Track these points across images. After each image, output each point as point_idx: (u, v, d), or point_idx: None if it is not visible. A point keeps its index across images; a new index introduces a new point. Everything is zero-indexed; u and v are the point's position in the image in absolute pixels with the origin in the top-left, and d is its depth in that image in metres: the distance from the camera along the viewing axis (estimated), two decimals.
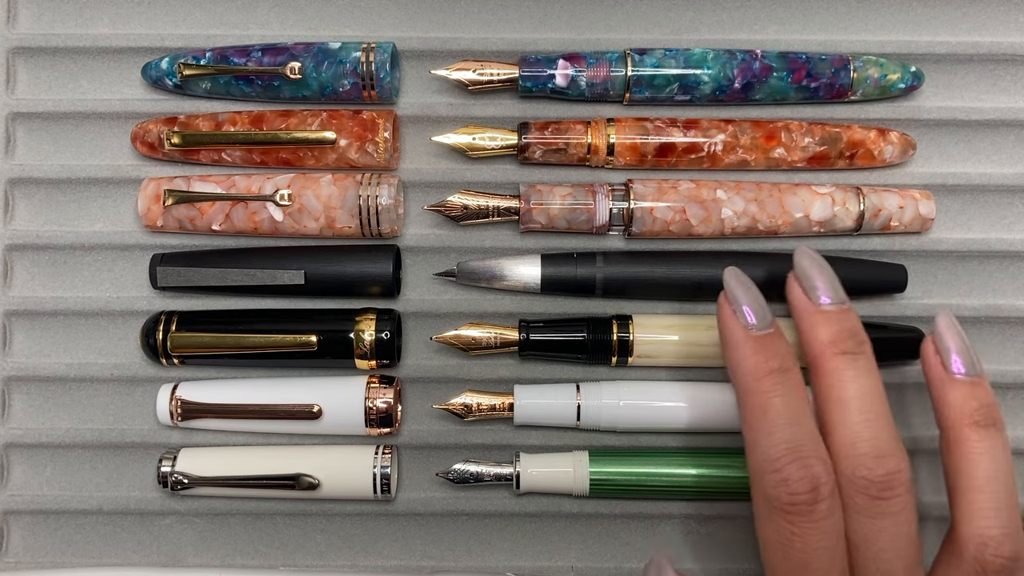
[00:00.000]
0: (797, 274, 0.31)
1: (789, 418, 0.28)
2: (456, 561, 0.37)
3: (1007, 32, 0.38)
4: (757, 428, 0.29)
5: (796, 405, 0.29)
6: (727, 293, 0.31)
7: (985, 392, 0.30)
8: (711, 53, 0.36)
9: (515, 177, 0.37)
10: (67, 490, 0.38)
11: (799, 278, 0.31)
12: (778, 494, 0.28)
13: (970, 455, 0.29)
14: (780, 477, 0.28)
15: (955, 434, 0.29)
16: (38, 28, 0.38)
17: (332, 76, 0.36)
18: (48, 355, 0.38)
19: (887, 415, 0.29)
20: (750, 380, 0.29)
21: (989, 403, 0.30)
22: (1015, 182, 0.38)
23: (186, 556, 0.37)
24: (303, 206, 0.35)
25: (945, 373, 0.30)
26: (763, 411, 0.29)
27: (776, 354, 0.29)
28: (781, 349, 0.30)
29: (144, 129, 0.37)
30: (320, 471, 0.35)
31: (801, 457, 0.28)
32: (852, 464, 0.28)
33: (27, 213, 0.38)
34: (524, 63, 0.36)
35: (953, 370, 0.30)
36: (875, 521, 0.28)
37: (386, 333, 0.35)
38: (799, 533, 0.28)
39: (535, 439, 0.37)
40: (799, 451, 0.28)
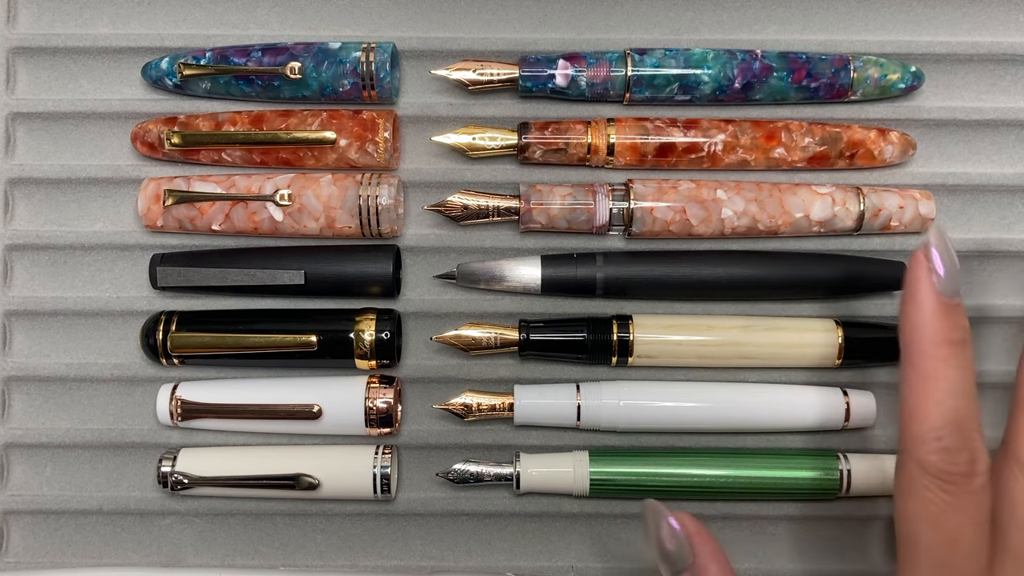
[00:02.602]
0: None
1: (961, 391, 0.28)
2: (456, 561, 0.37)
3: (1007, 32, 0.38)
4: (924, 393, 0.28)
5: (969, 381, 0.28)
6: (927, 250, 0.29)
7: None
8: (711, 53, 0.36)
9: (515, 177, 0.37)
10: (67, 490, 0.38)
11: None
12: (937, 461, 0.27)
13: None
14: (942, 445, 0.27)
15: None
16: (38, 28, 0.38)
17: (332, 76, 0.36)
18: (48, 355, 0.38)
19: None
20: (928, 344, 0.28)
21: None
22: (1015, 182, 0.38)
23: (186, 556, 0.37)
24: (303, 206, 0.35)
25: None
26: (935, 378, 0.28)
27: (959, 325, 0.28)
28: (965, 323, 0.29)
29: (144, 129, 0.37)
30: (320, 471, 0.35)
31: (966, 430, 0.27)
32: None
33: (27, 213, 0.38)
34: (524, 63, 0.36)
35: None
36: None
37: (386, 333, 0.35)
38: (953, 504, 0.27)
39: (535, 439, 0.37)
40: (964, 424, 0.27)
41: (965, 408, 0.28)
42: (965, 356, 0.28)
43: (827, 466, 0.35)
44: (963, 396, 0.28)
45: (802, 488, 0.35)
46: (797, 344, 0.36)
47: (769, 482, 0.35)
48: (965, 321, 0.29)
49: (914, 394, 0.28)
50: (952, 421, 0.27)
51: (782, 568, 0.37)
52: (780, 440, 0.37)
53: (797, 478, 0.35)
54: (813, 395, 0.36)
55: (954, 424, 0.27)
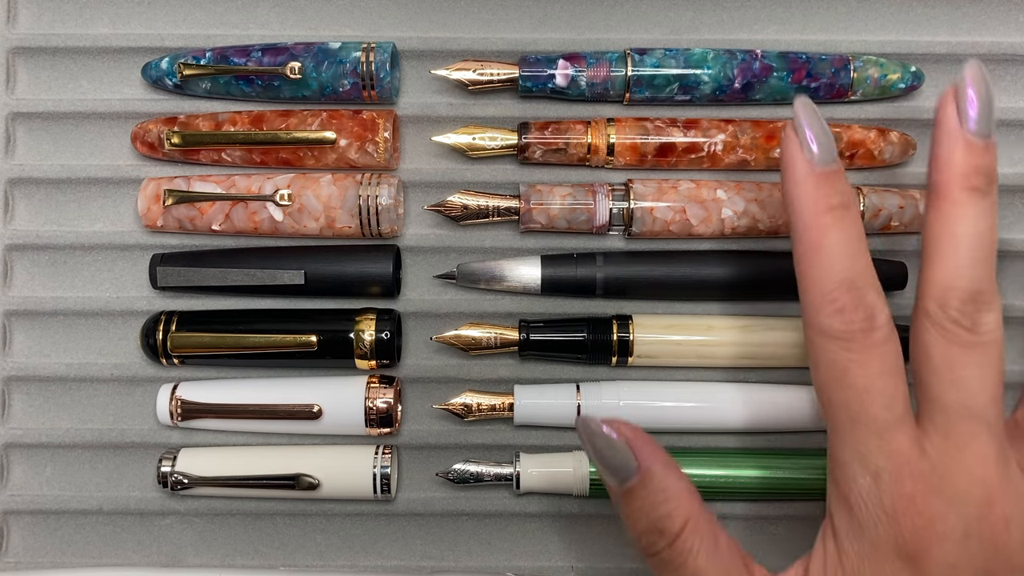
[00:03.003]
0: (956, 91, 0.28)
1: (848, 252, 0.28)
2: (456, 561, 0.37)
3: (1007, 32, 0.38)
4: (813, 262, 0.28)
5: (856, 242, 0.28)
6: (794, 122, 0.29)
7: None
8: (711, 53, 0.36)
9: (515, 177, 0.37)
10: (67, 490, 0.38)
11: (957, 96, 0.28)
12: (833, 323, 0.27)
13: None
14: (836, 307, 0.27)
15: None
16: (38, 28, 0.38)
17: (332, 76, 0.36)
18: (48, 355, 0.38)
19: (994, 265, 0.28)
20: (809, 214, 0.28)
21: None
22: (1015, 182, 0.38)
23: (186, 556, 0.37)
24: (303, 206, 0.35)
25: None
26: (820, 245, 0.28)
27: (838, 190, 0.28)
28: (844, 187, 0.28)
29: (144, 129, 0.37)
30: (320, 471, 0.35)
31: (858, 288, 0.27)
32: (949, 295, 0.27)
33: (27, 213, 0.38)
34: (524, 63, 0.36)
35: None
36: (965, 350, 0.27)
37: (386, 333, 0.35)
38: (857, 360, 0.27)
39: (535, 439, 0.37)
40: (856, 282, 0.27)
41: (855, 267, 0.27)
42: (849, 218, 0.28)
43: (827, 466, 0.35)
44: (851, 257, 0.28)
45: (802, 488, 0.35)
46: (797, 344, 0.36)
47: (769, 482, 0.35)
48: (845, 185, 0.28)
49: (804, 264, 0.28)
50: (843, 282, 0.27)
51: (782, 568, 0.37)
52: (780, 440, 0.37)
53: (797, 478, 0.35)
54: (813, 395, 0.36)
55: (845, 284, 0.27)
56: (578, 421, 0.29)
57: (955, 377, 0.27)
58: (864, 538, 0.27)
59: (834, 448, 0.28)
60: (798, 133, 0.28)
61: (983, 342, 0.27)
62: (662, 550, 0.28)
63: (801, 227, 0.28)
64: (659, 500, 0.28)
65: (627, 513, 0.29)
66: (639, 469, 0.28)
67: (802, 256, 0.28)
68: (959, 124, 0.28)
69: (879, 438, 0.27)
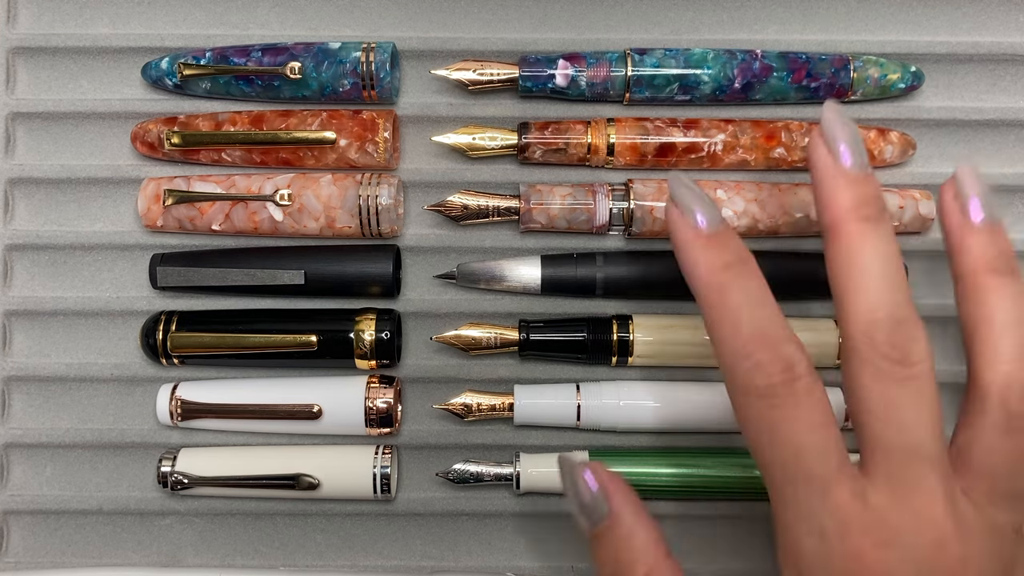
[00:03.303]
0: (823, 130, 0.29)
1: (752, 304, 0.27)
2: (456, 561, 0.37)
3: (1007, 32, 0.38)
4: (720, 322, 0.27)
5: (758, 292, 0.27)
6: (672, 195, 0.29)
7: (1004, 240, 0.29)
8: (711, 53, 0.36)
9: (515, 177, 0.37)
10: (67, 490, 0.38)
11: (824, 135, 0.29)
12: (752, 379, 0.26)
13: (989, 301, 0.28)
14: (752, 363, 0.26)
15: (973, 281, 0.28)
16: (38, 28, 0.38)
17: (332, 76, 0.36)
18: (48, 355, 0.38)
19: (906, 285, 0.27)
20: (705, 277, 0.28)
21: (1008, 251, 0.28)
22: (1015, 182, 0.38)
23: (186, 556, 0.37)
24: (303, 206, 0.35)
25: (964, 219, 0.29)
26: (723, 304, 0.27)
27: (729, 248, 0.28)
28: (734, 243, 0.28)
29: (144, 129, 0.37)
30: (320, 471, 0.35)
31: (770, 340, 0.26)
32: (874, 328, 0.26)
33: (27, 213, 0.38)
34: (524, 63, 0.36)
35: (972, 217, 0.29)
36: (900, 386, 0.26)
37: (386, 333, 0.35)
38: (783, 416, 0.26)
39: (535, 439, 0.37)
40: (766, 334, 0.27)
41: (762, 319, 0.27)
42: (747, 273, 0.27)
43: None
44: (757, 308, 0.27)
45: None
46: None
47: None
48: (736, 242, 0.28)
49: (712, 327, 0.27)
50: (754, 337, 0.26)
51: None
52: None
53: None
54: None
55: (757, 338, 0.26)
56: (559, 460, 0.29)
57: (893, 416, 0.26)
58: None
59: (776, 510, 0.27)
60: (678, 204, 0.28)
61: (916, 374, 0.26)
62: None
63: (701, 291, 0.28)
64: (624, 547, 0.28)
65: (595, 555, 0.29)
66: (610, 513, 0.28)
67: (708, 319, 0.28)
68: (833, 161, 0.28)
69: (819, 496, 0.26)
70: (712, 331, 0.28)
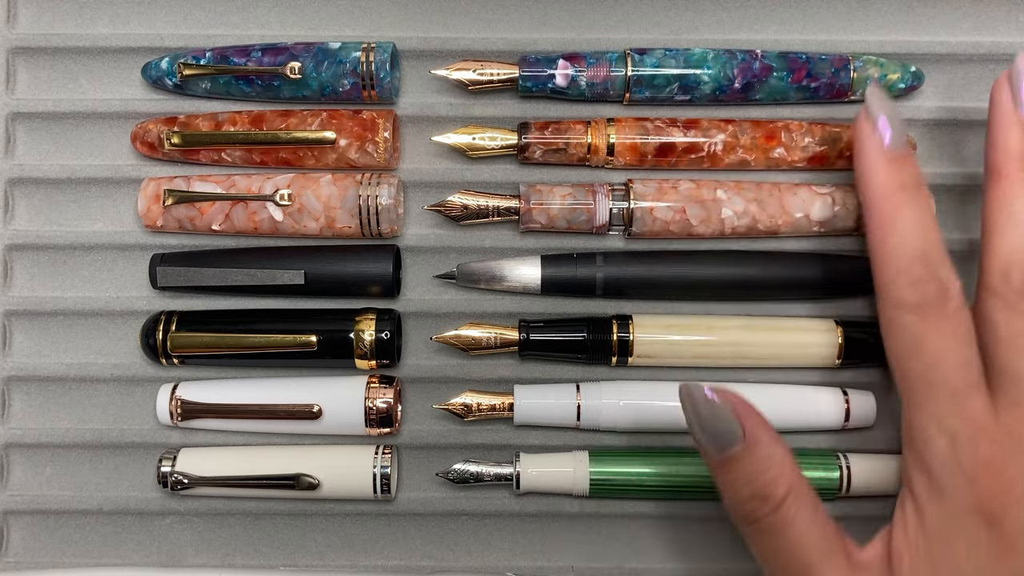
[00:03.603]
0: (1012, 75, 0.31)
1: (921, 228, 0.29)
2: (456, 561, 0.37)
3: (1007, 32, 0.38)
4: (887, 237, 0.29)
5: (926, 217, 0.29)
6: (867, 108, 0.31)
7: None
8: (711, 53, 0.36)
9: (515, 177, 0.37)
10: (67, 490, 0.38)
11: (1013, 80, 0.31)
12: (908, 295, 0.29)
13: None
14: (910, 279, 0.28)
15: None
16: (38, 28, 0.38)
17: (332, 76, 0.36)
18: (48, 355, 0.38)
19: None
20: (881, 193, 0.30)
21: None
22: None
23: (186, 556, 0.37)
24: (303, 206, 0.35)
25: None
26: (893, 222, 0.29)
27: (909, 172, 0.30)
28: (915, 168, 0.30)
29: (144, 129, 0.37)
30: (320, 471, 0.35)
31: (931, 261, 0.29)
32: (1013, 269, 0.29)
33: (27, 213, 0.38)
34: (524, 63, 0.36)
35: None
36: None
37: (386, 333, 0.35)
38: (932, 329, 0.28)
39: (535, 439, 0.37)
40: (929, 256, 0.29)
41: (926, 242, 0.29)
42: (920, 197, 0.30)
43: (827, 466, 0.35)
44: (923, 232, 0.29)
45: None
46: (797, 344, 0.36)
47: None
48: (916, 168, 0.30)
49: (878, 240, 0.30)
50: (916, 256, 0.29)
51: None
52: None
53: None
54: (813, 395, 0.36)
55: (918, 258, 0.29)
56: (680, 389, 0.30)
57: (1022, 347, 0.28)
58: (944, 500, 0.28)
59: (910, 416, 0.29)
60: (871, 118, 0.30)
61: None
62: (764, 516, 0.29)
63: (875, 205, 0.30)
64: (764, 467, 0.29)
65: (728, 480, 0.29)
66: (744, 436, 0.29)
67: (876, 232, 0.30)
68: (1014, 108, 0.30)
69: (955, 403, 0.28)
70: (876, 243, 0.30)
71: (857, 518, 0.37)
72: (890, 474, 0.35)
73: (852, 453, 0.36)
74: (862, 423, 0.36)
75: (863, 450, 0.36)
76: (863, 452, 0.36)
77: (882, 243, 0.29)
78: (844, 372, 0.37)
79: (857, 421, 0.36)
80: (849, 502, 0.36)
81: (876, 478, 0.35)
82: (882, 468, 0.35)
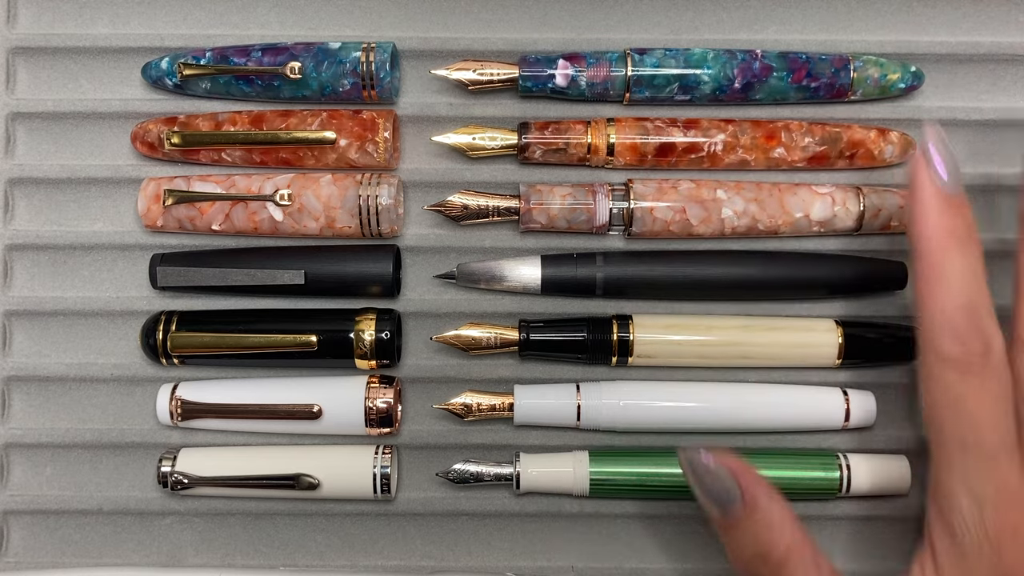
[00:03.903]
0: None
1: (970, 278, 0.28)
2: (456, 561, 0.37)
3: (1007, 32, 0.38)
4: (934, 285, 0.29)
5: (976, 266, 0.29)
6: (924, 146, 0.30)
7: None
8: (711, 53, 0.36)
9: (515, 177, 0.37)
10: (67, 490, 0.38)
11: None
12: (952, 349, 0.28)
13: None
14: (956, 332, 0.28)
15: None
16: (38, 28, 0.38)
17: (332, 76, 0.36)
18: (48, 355, 0.38)
19: None
20: (934, 237, 0.29)
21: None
22: (1015, 182, 0.38)
23: (186, 556, 0.37)
24: (303, 206, 0.35)
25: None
26: (942, 270, 0.28)
27: (963, 217, 0.29)
28: (968, 214, 0.29)
29: (144, 129, 0.37)
30: (320, 471, 0.35)
31: (976, 315, 0.28)
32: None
33: (27, 213, 0.38)
34: (524, 63, 0.36)
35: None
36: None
37: (386, 333, 0.35)
38: (972, 387, 0.28)
39: (535, 439, 0.37)
40: (975, 309, 0.28)
41: (975, 295, 0.28)
42: (972, 246, 0.29)
43: (827, 466, 0.35)
44: (972, 284, 0.28)
45: (802, 488, 0.35)
46: (797, 344, 0.36)
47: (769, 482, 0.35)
48: (969, 214, 0.29)
49: (925, 286, 0.29)
50: (962, 308, 0.28)
51: None
52: (780, 440, 0.37)
53: (797, 478, 0.35)
54: (813, 395, 0.36)
55: (965, 311, 0.28)
56: (680, 453, 0.30)
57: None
58: (964, 564, 0.28)
59: (939, 473, 0.29)
60: (927, 157, 0.29)
61: None
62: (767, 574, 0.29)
63: (924, 250, 0.29)
64: (764, 527, 0.29)
65: (731, 540, 0.30)
66: (744, 499, 0.29)
67: (923, 276, 0.29)
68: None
69: (987, 466, 0.28)
70: (922, 291, 0.29)
71: (857, 518, 0.37)
72: (890, 474, 0.35)
73: (852, 453, 0.36)
74: (862, 423, 0.36)
75: (863, 450, 0.36)
76: (863, 452, 0.36)
77: (928, 291, 0.29)
78: (844, 372, 0.37)
79: (857, 421, 0.36)
80: (849, 502, 0.36)
81: (876, 478, 0.35)
82: (882, 468, 0.35)
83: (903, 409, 0.37)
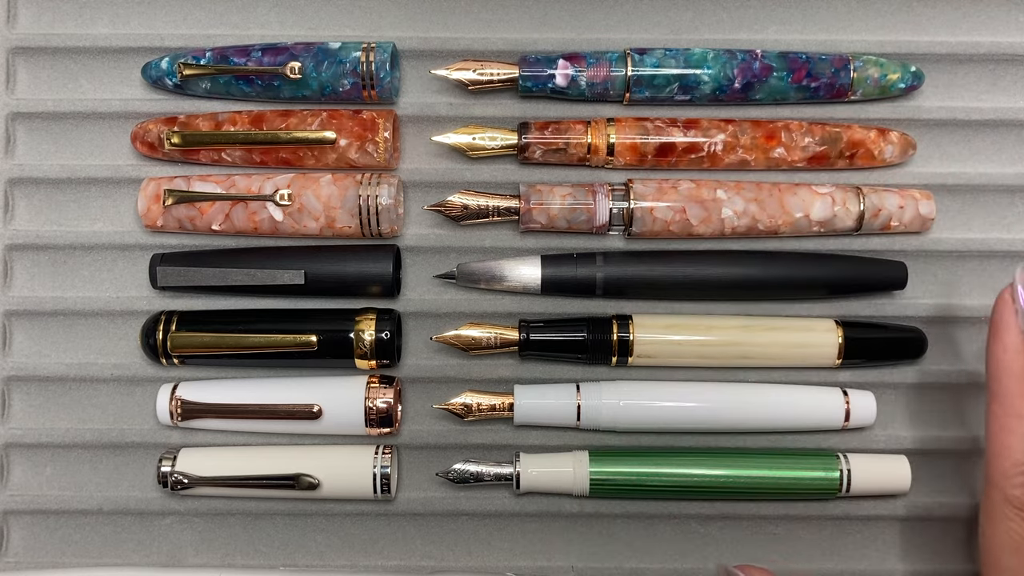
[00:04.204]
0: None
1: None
2: (456, 561, 0.37)
3: (1007, 32, 0.38)
4: (1009, 430, 0.29)
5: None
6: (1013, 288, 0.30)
7: None
8: (711, 53, 0.36)
9: (515, 177, 0.37)
10: (67, 490, 0.38)
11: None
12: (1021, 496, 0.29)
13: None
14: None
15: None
16: (38, 28, 0.38)
17: (332, 76, 0.36)
18: (48, 355, 0.38)
19: None
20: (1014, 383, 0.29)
21: None
22: (1015, 182, 0.38)
23: (186, 556, 0.37)
24: (303, 206, 0.35)
25: None
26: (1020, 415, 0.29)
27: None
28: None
29: (144, 129, 0.37)
30: (320, 471, 0.35)
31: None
32: None
33: (27, 213, 0.38)
34: (524, 63, 0.36)
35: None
36: None
37: (386, 333, 0.35)
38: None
39: (535, 439, 0.37)
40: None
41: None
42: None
43: (827, 466, 0.35)
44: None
45: (802, 488, 0.35)
46: (797, 344, 0.36)
47: (769, 482, 0.35)
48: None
49: (1000, 430, 0.29)
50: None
51: (782, 568, 0.37)
52: (780, 440, 0.37)
53: (797, 478, 0.35)
54: (813, 395, 0.36)
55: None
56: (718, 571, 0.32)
57: None
58: None
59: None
60: (1014, 297, 0.30)
61: None
62: None
63: (1003, 392, 0.29)
64: None
65: None
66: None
67: (998, 419, 0.29)
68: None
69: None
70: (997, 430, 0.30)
71: (857, 518, 0.37)
72: (890, 474, 0.35)
73: (852, 453, 0.36)
74: (862, 423, 0.36)
75: (863, 450, 0.36)
76: (863, 452, 0.36)
77: (1005, 434, 0.29)
78: (844, 372, 0.37)
79: (857, 421, 0.36)
80: (849, 502, 0.36)
81: (876, 478, 0.35)
82: (882, 468, 0.35)
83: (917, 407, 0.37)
